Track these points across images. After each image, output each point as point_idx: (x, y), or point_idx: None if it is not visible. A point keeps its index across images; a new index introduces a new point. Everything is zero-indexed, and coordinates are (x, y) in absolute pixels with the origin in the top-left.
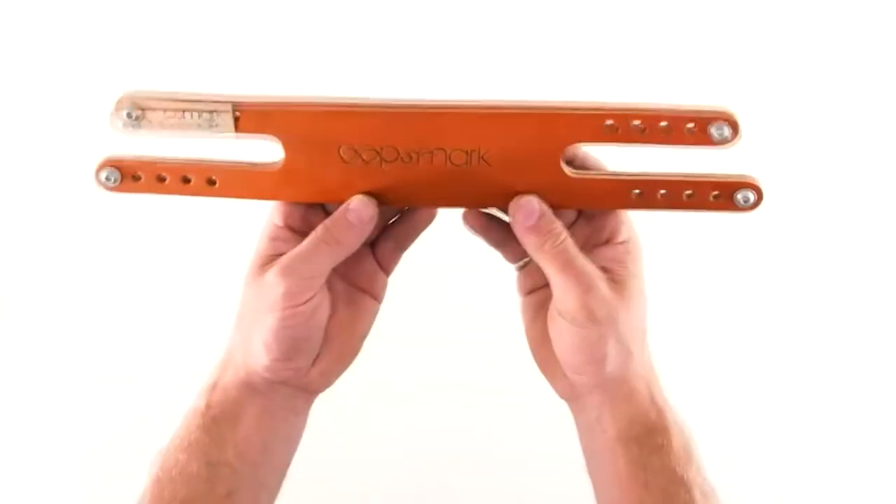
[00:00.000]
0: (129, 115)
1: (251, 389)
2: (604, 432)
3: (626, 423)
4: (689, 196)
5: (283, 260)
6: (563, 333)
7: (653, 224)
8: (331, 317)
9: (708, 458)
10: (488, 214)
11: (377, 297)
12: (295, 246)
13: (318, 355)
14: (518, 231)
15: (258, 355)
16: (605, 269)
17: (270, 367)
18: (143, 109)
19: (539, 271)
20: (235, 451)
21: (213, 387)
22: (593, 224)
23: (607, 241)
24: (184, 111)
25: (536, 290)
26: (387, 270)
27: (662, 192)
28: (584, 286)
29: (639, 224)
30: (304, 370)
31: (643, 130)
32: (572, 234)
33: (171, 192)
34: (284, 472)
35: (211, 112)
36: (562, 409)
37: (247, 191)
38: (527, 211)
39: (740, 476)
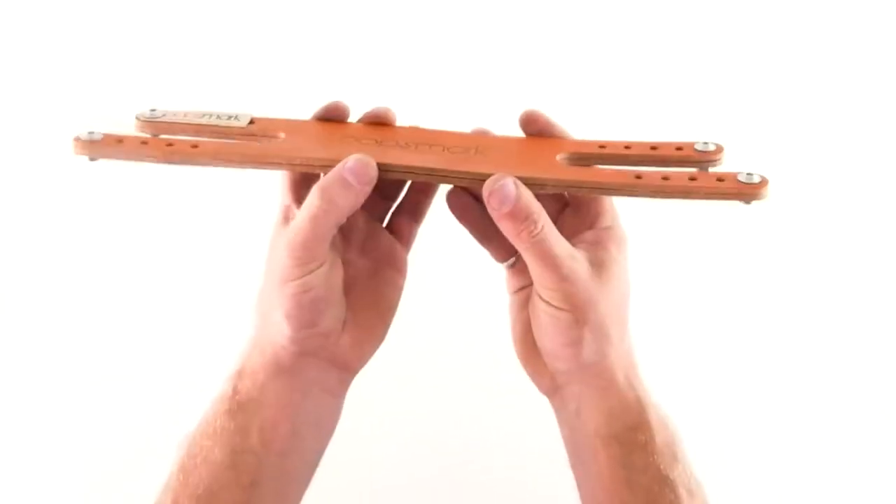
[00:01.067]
0: (152, 110)
1: (278, 368)
2: (583, 427)
3: (606, 418)
4: (692, 179)
5: (289, 233)
6: (541, 316)
7: (644, 218)
8: (353, 289)
9: (700, 455)
10: (471, 200)
11: (399, 270)
12: None
13: (344, 325)
14: (493, 216)
15: (281, 329)
16: (586, 251)
17: (295, 337)
18: (164, 113)
19: (527, 270)
20: (260, 439)
21: (240, 372)
22: (580, 214)
23: (590, 227)
24: (202, 114)
25: (524, 287)
26: (405, 244)
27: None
28: (562, 274)
29: (632, 221)
30: (332, 338)
31: (631, 149)
32: (559, 225)
33: (152, 153)
34: (315, 463)
35: (229, 116)
36: None
37: (235, 156)
38: (501, 196)
39: (732, 473)
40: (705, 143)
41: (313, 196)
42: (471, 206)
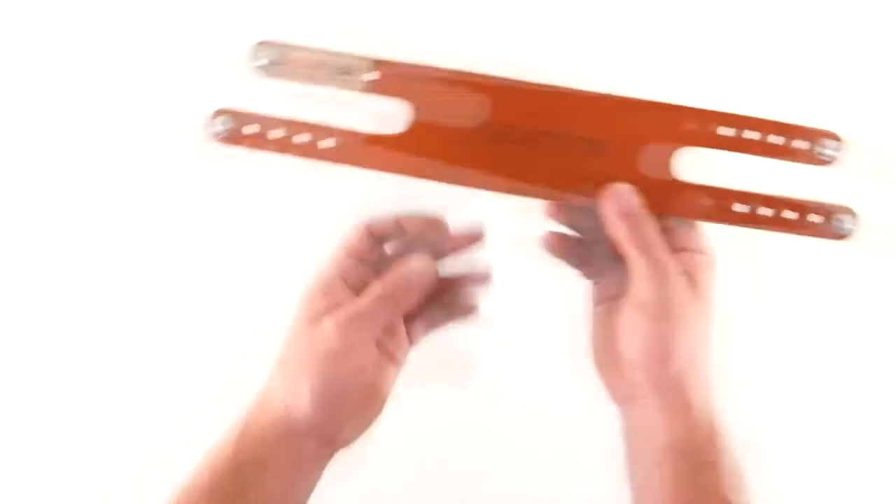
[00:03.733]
0: (269, 61)
1: (288, 436)
2: (652, 441)
3: (679, 435)
4: (790, 217)
5: (341, 315)
6: (634, 327)
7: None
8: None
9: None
10: (566, 240)
11: (399, 364)
12: (345, 296)
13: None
14: (609, 216)
15: (303, 403)
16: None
17: (314, 415)
18: (284, 55)
19: (614, 284)
20: (256, 502)
21: (245, 432)
22: (672, 234)
23: (685, 248)
24: (324, 63)
25: (607, 300)
26: (413, 342)
27: (764, 210)
28: (665, 280)
29: None
30: (342, 423)
31: (754, 142)
32: None
33: (279, 149)
34: None
35: (350, 66)
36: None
37: (359, 157)
38: (621, 197)
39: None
40: (835, 148)
41: (378, 289)
42: (568, 244)
